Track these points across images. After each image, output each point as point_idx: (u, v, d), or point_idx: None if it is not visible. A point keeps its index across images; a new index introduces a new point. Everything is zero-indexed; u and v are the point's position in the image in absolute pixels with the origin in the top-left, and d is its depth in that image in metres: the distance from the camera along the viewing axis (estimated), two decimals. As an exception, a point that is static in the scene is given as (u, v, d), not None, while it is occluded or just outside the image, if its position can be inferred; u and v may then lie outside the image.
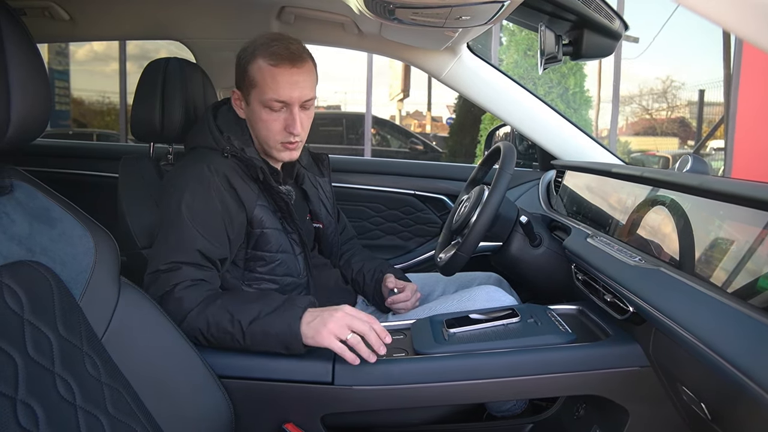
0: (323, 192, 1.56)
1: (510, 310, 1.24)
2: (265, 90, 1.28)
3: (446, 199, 2.11)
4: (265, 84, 1.28)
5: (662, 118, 12.60)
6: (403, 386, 1.10)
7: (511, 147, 1.42)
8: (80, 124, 10.24)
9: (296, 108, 1.30)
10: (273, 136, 1.32)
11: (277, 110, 1.30)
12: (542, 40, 1.37)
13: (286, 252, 1.36)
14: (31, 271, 0.83)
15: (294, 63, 1.27)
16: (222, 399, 1.06)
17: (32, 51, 0.83)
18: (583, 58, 1.43)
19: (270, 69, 1.27)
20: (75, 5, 1.66)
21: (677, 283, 0.94)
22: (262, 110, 1.30)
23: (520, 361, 1.10)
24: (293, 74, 1.27)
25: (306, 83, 1.30)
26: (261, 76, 1.28)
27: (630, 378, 1.09)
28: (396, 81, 11.37)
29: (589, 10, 1.30)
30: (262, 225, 1.32)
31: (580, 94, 7.04)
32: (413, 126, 12.84)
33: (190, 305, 1.13)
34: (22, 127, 0.82)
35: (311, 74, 1.32)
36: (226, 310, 1.12)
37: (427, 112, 12.75)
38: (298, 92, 1.28)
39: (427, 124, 12.70)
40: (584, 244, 1.31)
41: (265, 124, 1.31)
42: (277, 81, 1.27)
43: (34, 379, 0.76)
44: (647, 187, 1.23)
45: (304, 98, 1.30)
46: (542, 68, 1.46)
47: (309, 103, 1.33)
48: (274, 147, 1.35)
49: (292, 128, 1.30)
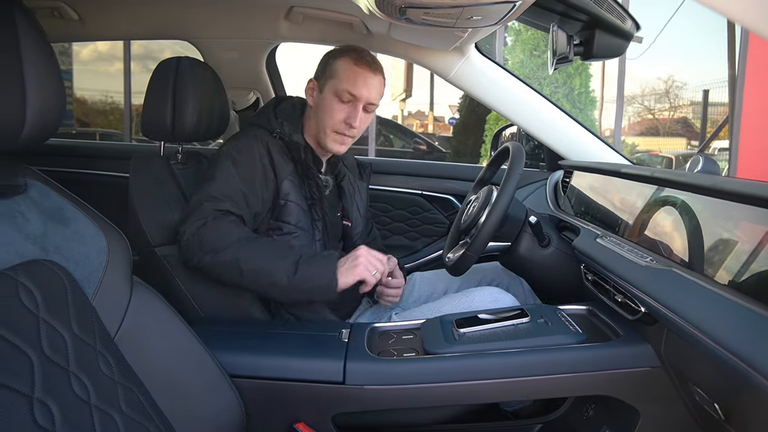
0: (359, 194, 1.67)
1: (520, 310, 1.24)
2: (343, 82, 1.44)
3: (453, 199, 2.11)
4: (345, 77, 1.44)
5: (665, 118, 12.56)
6: (414, 386, 1.10)
7: (520, 147, 1.42)
8: (83, 124, 10.24)
9: (361, 105, 1.45)
10: (333, 123, 1.46)
11: (345, 102, 1.45)
12: (554, 40, 1.37)
13: (304, 230, 1.44)
14: (45, 270, 0.83)
15: (372, 69, 1.46)
16: (233, 398, 1.06)
17: (47, 50, 0.83)
18: (594, 58, 1.43)
19: (353, 67, 1.45)
20: (84, 5, 1.67)
21: (690, 283, 0.94)
22: (333, 98, 1.45)
23: (531, 361, 1.10)
24: (369, 77, 1.45)
25: (376, 89, 1.48)
26: (343, 70, 1.45)
27: (641, 378, 1.09)
28: (398, 81, 11.36)
29: (601, 10, 1.30)
30: (287, 197, 1.43)
31: (586, 94, 7.02)
32: (415, 126, 12.81)
33: (232, 236, 1.27)
34: (37, 126, 0.82)
35: (382, 85, 1.51)
36: (271, 249, 1.30)
37: (429, 112, 12.73)
38: (367, 92, 1.45)
39: (429, 124, 12.68)
40: (594, 245, 1.30)
41: (330, 111, 1.46)
42: (356, 77, 1.44)
43: (50, 378, 0.76)
44: (655, 187, 1.23)
45: (370, 100, 1.46)
46: (553, 68, 1.46)
47: (371, 107, 1.49)
48: (330, 135, 1.48)
49: (352, 120, 1.45)
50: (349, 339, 1.20)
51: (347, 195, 1.61)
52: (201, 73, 1.50)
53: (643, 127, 12.74)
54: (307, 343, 1.20)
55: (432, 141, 10.08)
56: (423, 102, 12.77)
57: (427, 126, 12.63)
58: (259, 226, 1.42)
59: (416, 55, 1.83)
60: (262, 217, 1.41)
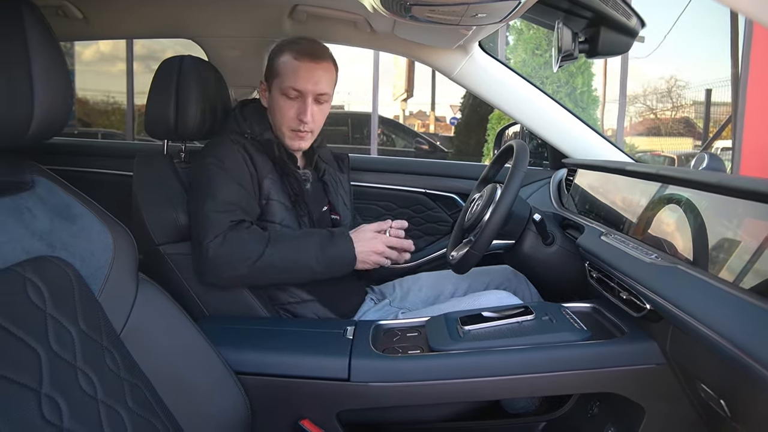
0: (342, 187, 1.66)
1: (524, 308, 1.24)
2: (285, 79, 1.43)
3: (457, 197, 2.10)
4: (286, 74, 1.43)
5: (666, 117, 12.55)
6: (419, 383, 1.10)
7: (524, 145, 1.42)
8: (85, 124, 10.27)
9: (309, 99, 1.43)
10: (286, 122, 1.45)
11: (293, 98, 1.43)
12: (559, 37, 1.37)
13: (291, 228, 1.44)
14: (52, 267, 0.84)
15: (314, 59, 1.43)
16: (239, 395, 1.06)
17: (54, 47, 0.83)
18: (599, 55, 1.43)
19: (292, 61, 1.42)
20: (88, 4, 1.67)
21: (696, 280, 0.94)
22: (280, 97, 1.44)
23: (536, 358, 1.10)
24: (312, 68, 1.42)
25: (323, 79, 1.44)
26: (284, 67, 1.43)
27: (646, 376, 1.09)
28: (400, 81, 11.37)
29: (606, 7, 1.30)
30: (268, 196, 1.43)
31: (588, 93, 7.02)
32: (417, 126, 12.84)
33: (261, 241, 1.31)
34: (45, 123, 0.82)
35: (329, 72, 1.46)
36: (295, 240, 1.36)
37: (430, 112, 12.75)
38: (312, 85, 1.42)
39: (430, 124, 12.71)
40: (598, 242, 1.30)
41: (280, 110, 1.45)
42: (296, 72, 1.42)
43: (58, 373, 0.76)
44: (660, 185, 1.23)
45: (318, 91, 1.44)
46: (558, 66, 1.46)
47: (323, 97, 1.46)
48: (286, 133, 1.47)
49: (303, 116, 1.43)
50: (354, 336, 1.20)
51: (331, 189, 1.60)
52: (204, 72, 1.50)
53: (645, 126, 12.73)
54: (312, 341, 1.20)
55: (434, 141, 10.07)
56: (424, 102, 12.81)
57: (429, 126, 12.66)
58: None
59: (420, 54, 1.83)
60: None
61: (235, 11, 1.75)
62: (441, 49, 1.76)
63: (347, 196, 1.68)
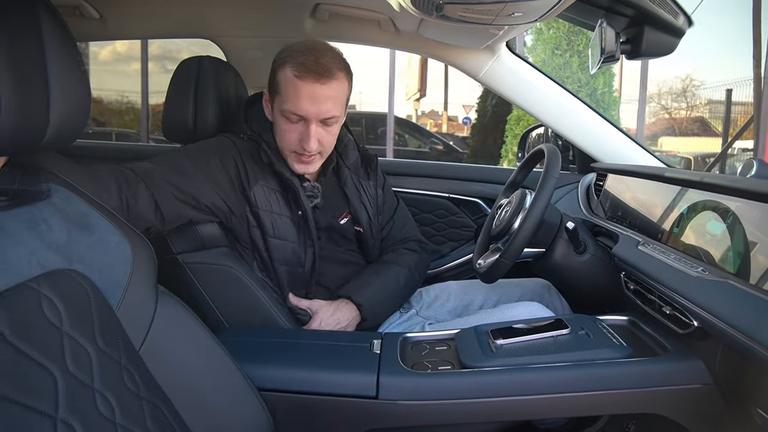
0: (366, 195, 1.51)
1: (558, 321, 1.18)
2: (285, 100, 1.27)
3: (481, 202, 2.04)
4: (286, 94, 1.26)
5: (681, 117, 12.41)
6: (451, 401, 1.04)
7: (555, 150, 1.37)
8: (99, 124, 10.33)
9: (313, 124, 1.28)
10: (287, 145, 1.32)
11: (294, 122, 1.28)
12: (602, 37, 1.30)
13: (284, 239, 1.35)
14: (69, 281, 0.79)
15: (319, 78, 1.24)
16: (262, 413, 1.01)
17: (72, 50, 0.79)
18: (642, 56, 1.36)
19: (293, 80, 1.25)
20: (105, 4, 1.64)
21: (749, 296, 0.87)
22: (281, 118, 1.30)
23: (576, 376, 1.04)
24: (315, 89, 1.24)
25: (329, 100, 1.27)
26: (284, 85, 1.27)
27: (692, 396, 1.02)
28: (413, 80, 11.35)
29: (652, 5, 1.23)
30: (258, 205, 1.33)
31: (609, 94, 6.92)
32: (429, 125, 12.82)
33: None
34: (62, 129, 0.78)
35: (338, 91, 1.28)
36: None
37: (443, 112, 12.71)
38: (316, 108, 1.26)
39: (443, 124, 12.69)
40: (636, 252, 1.24)
41: (281, 132, 1.31)
42: (298, 93, 1.25)
43: (75, 397, 0.71)
44: (700, 192, 1.16)
45: (323, 115, 1.27)
46: (597, 68, 1.40)
47: (331, 120, 1.30)
48: (288, 156, 1.34)
49: (305, 143, 1.28)
50: (381, 350, 1.15)
51: (353, 199, 1.48)
52: (223, 73, 1.46)
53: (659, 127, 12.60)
54: (338, 355, 1.15)
55: (447, 141, 10.02)
56: (437, 102, 12.77)
57: (441, 125, 12.62)
58: (240, 236, 1.36)
59: (445, 54, 1.77)
60: (237, 219, 1.35)
61: (254, 10, 1.71)
62: (467, 49, 1.71)
63: (372, 204, 1.52)
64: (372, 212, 1.52)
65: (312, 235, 1.37)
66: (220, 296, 1.32)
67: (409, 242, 1.60)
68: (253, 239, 1.35)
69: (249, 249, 1.37)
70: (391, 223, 1.58)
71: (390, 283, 1.44)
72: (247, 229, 1.34)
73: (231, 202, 1.31)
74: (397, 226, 1.59)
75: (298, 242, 1.37)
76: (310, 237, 1.37)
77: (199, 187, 1.27)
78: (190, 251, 1.32)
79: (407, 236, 1.61)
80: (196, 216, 1.29)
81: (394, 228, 1.58)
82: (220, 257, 1.33)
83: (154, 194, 1.20)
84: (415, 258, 1.55)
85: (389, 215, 1.58)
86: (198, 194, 1.27)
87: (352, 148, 1.52)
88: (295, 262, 1.37)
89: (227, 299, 1.32)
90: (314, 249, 1.38)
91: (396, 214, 1.60)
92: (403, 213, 1.63)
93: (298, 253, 1.37)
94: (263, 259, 1.37)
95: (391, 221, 1.59)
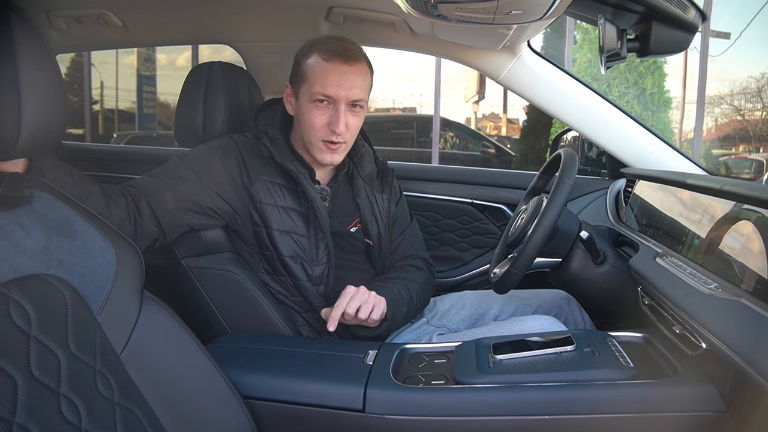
0: (379, 208, 1.47)
1: (565, 336, 1.11)
2: (314, 84, 1.27)
3: (506, 208, 1.97)
4: (314, 78, 1.27)
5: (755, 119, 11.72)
6: (440, 418, 1.00)
7: (572, 154, 1.30)
8: (165, 127, 10.73)
9: (342, 106, 1.28)
10: (315, 132, 1.30)
11: (323, 106, 1.29)
12: (602, 35, 1.23)
13: (291, 232, 1.32)
14: (43, 285, 0.80)
15: (346, 60, 1.27)
16: (245, 422, 1.00)
17: (46, 57, 0.80)
18: (652, 54, 1.27)
19: (321, 63, 1.27)
20: (127, 12, 1.68)
21: (759, 318, 0.79)
22: (309, 104, 1.29)
23: (573, 397, 0.98)
24: (344, 71, 1.27)
25: (356, 83, 1.28)
26: (312, 70, 1.28)
27: (702, 424, 0.94)
28: (471, 83, 11.20)
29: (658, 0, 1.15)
30: (261, 200, 1.31)
31: (659, 94, 6.58)
32: (489, 128, 12.60)
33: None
34: (34, 137, 0.79)
35: (363, 75, 1.31)
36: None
37: (503, 114, 12.49)
38: (345, 90, 1.27)
39: (502, 127, 12.46)
40: (652, 265, 1.16)
41: (309, 119, 1.30)
42: (326, 75, 1.26)
43: (36, 401, 0.72)
44: (723, 201, 1.07)
45: (351, 98, 1.28)
46: (605, 67, 1.32)
47: (358, 104, 1.31)
48: (316, 145, 1.32)
49: (335, 126, 1.28)
50: (374, 361, 1.11)
51: (364, 210, 1.44)
52: (234, 77, 1.47)
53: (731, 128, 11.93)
54: (329, 365, 1.12)
55: (505, 144, 9.86)
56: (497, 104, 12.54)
57: (501, 128, 12.40)
58: (245, 235, 1.35)
59: (463, 56, 1.72)
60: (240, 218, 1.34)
61: (270, 15, 1.71)
62: (486, 50, 1.65)
63: (383, 219, 1.47)
64: (383, 226, 1.47)
65: (323, 227, 1.33)
66: (223, 301, 1.32)
67: (417, 259, 1.53)
68: (258, 238, 1.33)
69: (255, 250, 1.35)
70: (400, 238, 1.53)
71: (404, 292, 1.39)
72: (252, 228, 1.33)
73: (233, 201, 1.31)
74: (407, 242, 1.54)
75: (308, 235, 1.34)
76: (322, 230, 1.33)
77: (199, 191, 1.27)
78: (194, 256, 1.33)
79: (415, 253, 1.55)
80: (199, 222, 1.29)
81: (403, 242, 1.53)
82: (224, 262, 1.33)
83: (153, 206, 1.23)
84: (423, 276, 1.49)
85: (400, 231, 1.53)
86: (199, 198, 1.27)
87: (369, 160, 1.49)
88: (307, 256, 1.33)
89: (229, 304, 1.32)
90: (327, 241, 1.34)
91: (407, 231, 1.55)
92: (414, 231, 1.58)
93: (309, 246, 1.34)
94: (270, 259, 1.34)
95: (401, 236, 1.54)
